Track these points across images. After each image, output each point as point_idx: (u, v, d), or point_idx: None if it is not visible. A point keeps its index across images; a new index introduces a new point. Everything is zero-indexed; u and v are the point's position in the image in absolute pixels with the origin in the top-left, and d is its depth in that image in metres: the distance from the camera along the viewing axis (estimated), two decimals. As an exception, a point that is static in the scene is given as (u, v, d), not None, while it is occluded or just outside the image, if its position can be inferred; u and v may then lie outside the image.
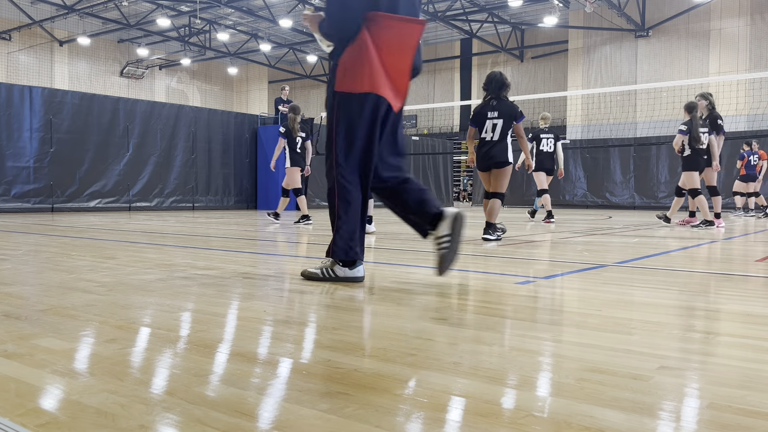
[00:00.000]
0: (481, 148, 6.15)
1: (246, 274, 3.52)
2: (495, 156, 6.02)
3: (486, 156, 6.08)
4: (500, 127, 6.00)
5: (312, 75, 32.45)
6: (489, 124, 6.05)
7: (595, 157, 21.13)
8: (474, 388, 1.46)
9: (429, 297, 2.77)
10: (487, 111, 6.08)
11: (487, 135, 6.06)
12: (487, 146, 6.07)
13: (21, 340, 1.86)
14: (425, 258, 4.44)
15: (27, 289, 2.82)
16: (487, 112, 6.08)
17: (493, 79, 6.13)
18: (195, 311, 2.39)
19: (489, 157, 6.06)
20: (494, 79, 6.13)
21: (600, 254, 4.85)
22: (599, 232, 7.74)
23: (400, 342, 1.93)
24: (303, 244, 5.76)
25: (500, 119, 6.00)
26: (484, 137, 6.09)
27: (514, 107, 6.09)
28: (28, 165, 11.91)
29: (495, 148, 6.03)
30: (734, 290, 3.15)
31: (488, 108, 6.09)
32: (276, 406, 1.33)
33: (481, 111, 6.14)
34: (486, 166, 6.13)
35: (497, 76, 6.15)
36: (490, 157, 6.05)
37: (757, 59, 19.57)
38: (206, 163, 14.82)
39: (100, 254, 4.46)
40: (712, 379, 1.55)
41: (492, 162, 6.06)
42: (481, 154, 6.15)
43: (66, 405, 1.32)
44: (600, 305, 2.56)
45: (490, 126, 6.04)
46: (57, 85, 26.28)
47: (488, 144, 6.06)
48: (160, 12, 24.20)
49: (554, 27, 22.76)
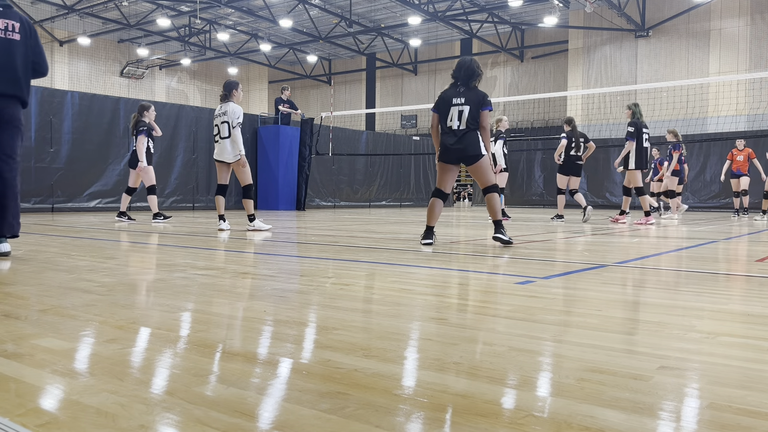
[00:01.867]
0: (445, 138, 5.42)
1: (246, 274, 3.52)
2: (465, 149, 5.34)
3: (452, 149, 5.37)
4: (467, 115, 5.32)
5: (312, 75, 32.46)
6: (454, 111, 5.35)
7: (595, 157, 21.11)
8: (474, 388, 1.46)
9: (429, 297, 2.77)
10: (452, 97, 5.40)
11: (453, 123, 5.36)
12: (452, 137, 5.37)
13: (21, 340, 1.86)
14: (425, 258, 4.44)
15: (27, 289, 2.82)
16: (452, 98, 5.39)
17: (463, 66, 5.46)
18: (195, 311, 2.39)
19: (456, 150, 5.37)
20: (464, 66, 5.46)
21: (600, 254, 4.85)
22: (599, 232, 7.74)
23: (400, 342, 1.93)
24: (304, 244, 5.75)
25: (467, 105, 5.32)
26: (450, 125, 5.37)
27: (482, 94, 5.43)
28: (29, 165, 11.91)
29: (464, 140, 5.33)
30: (734, 290, 3.15)
31: (454, 94, 5.41)
32: (276, 406, 1.33)
33: (444, 97, 5.47)
34: (451, 158, 5.43)
35: (467, 63, 5.48)
36: (457, 150, 5.36)
37: (757, 59, 19.56)
38: (207, 163, 14.81)
39: (100, 254, 4.46)
40: (712, 379, 1.55)
41: (462, 155, 5.38)
42: (445, 145, 5.41)
43: (66, 405, 1.32)
44: (600, 305, 2.56)
45: (456, 113, 5.34)
46: (57, 85, 26.27)
47: (453, 134, 5.36)
48: (160, 12, 24.19)
49: (554, 27, 22.75)
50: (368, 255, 4.62)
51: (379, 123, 30.17)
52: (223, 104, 7.22)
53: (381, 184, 19.20)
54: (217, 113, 7.25)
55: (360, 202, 18.45)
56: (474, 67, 5.46)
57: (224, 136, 7.14)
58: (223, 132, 7.15)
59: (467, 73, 5.42)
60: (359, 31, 25.16)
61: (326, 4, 23.71)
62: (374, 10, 24.67)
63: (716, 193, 18.55)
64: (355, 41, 27.16)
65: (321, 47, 29.24)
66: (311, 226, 8.64)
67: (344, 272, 3.61)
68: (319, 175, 16.86)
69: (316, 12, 24.26)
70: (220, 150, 7.18)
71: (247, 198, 7.30)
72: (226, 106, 7.16)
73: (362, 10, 24.65)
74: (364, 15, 25.19)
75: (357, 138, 18.22)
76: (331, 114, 16.17)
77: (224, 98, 7.23)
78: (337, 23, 24.73)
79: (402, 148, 19.58)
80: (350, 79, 31.68)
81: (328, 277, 3.38)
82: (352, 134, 18.09)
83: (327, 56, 31.52)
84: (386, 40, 27.26)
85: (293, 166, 15.55)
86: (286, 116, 15.14)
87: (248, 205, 7.31)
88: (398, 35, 27.20)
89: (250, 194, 7.30)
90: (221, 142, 7.17)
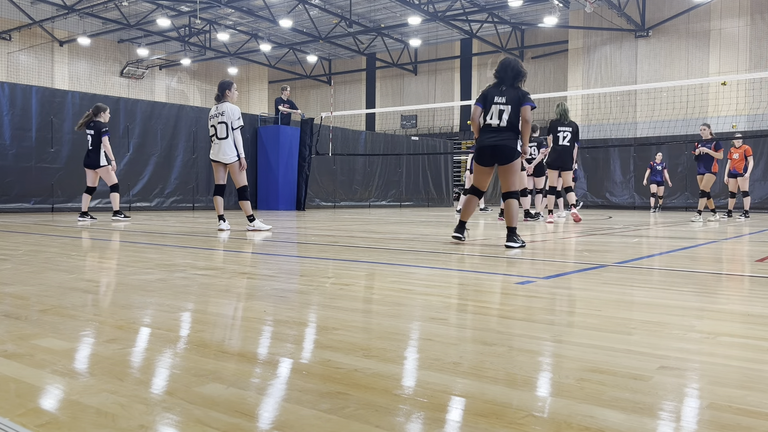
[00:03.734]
0: (483, 135, 5.45)
1: (246, 274, 3.52)
2: (499, 145, 5.32)
3: (487, 143, 5.38)
4: (506, 115, 5.32)
5: (312, 75, 32.46)
6: (495, 109, 5.36)
7: (595, 157, 21.13)
8: (474, 388, 1.46)
9: (429, 297, 2.77)
10: (494, 96, 5.40)
11: (493, 121, 5.37)
12: (490, 133, 5.39)
13: (21, 340, 1.86)
14: (425, 258, 4.44)
15: (27, 289, 2.82)
16: (495, 96, 5.40)
17: (508, 66, 5.44)
18: (195, 311, 2.39)
19: (491, 146, 5.36)
20: (509, 66, 5.44)
21: (600, 254, 4.85)
22: (599, 232, 7.73)
23: (400, 342, 1.93)
24: (304, 244, 5.75)
25: (508, 105, 5.33)
26: (489, 122, 5.39)
27: (523, 92, 5.40)
28: (29, 165, 11.92)
29: (501, 135, 5.34)
30: (734, 290, 3.15)
31: (497, 92, 5.41)
32: (276, 406, 1.33)
33: (487, 93, 5.47)
34: (486, 158, 5.44)
35: (513, 63, 5.47)
36: (492, 146, 5.35)
37: (757, 59, 19.56)
38: (207, 163, 14.79)
39: (100, 254, 4.46)
40: (712, 379, 1.55)
41: (496, 152, 5.36)
42: (482, 143, 5.43)
43: (66, 405, 1.32)
44: (600, 305, 2.56)
45: (497, 111, 5.35)
46: (57, 85, 26.27)
47: (492, 130, 5.38)
48: (160, 12, 24.19)
49: (554, 27, 22.74)
50: (368, 255, 4.62)
51: (379, 123, 30.17)
52: (219, 105, 7.19)
53: (381, 184, 19.20)
54: (212, 114, 7.23)
55: (360, 202, 18.45)
56: (519, 67, 5.46)
57: (221, 137, 7.12)
58: (220, 133, 7.13)
59: (513, 74, 5.43)
60: (359, 31, 25.15)
61: (326, 4, 23.70)
62: (374, 10, 24.67)
63: (715, 194, 18.54)
64: (355, 41, 27.15)
65: (321, 47, 29.24)
66: (311, 226, 8.64)
67: (344, 272, 3.61)
68: (319, 175, 16.85)
69: (316, 12, 24.26)
70: (217, 150, 7.17)
71: (242, 200, 7.26)
72: (223, 107, 7.13)
73: (362, 10, 24.64)
74: (364, 15, 25.19)
75: (357, 138, 18.22)
76: (331, 114, 16.17)
77: (219, 98, 7.20)
78: (337, 23, 24.73)
79: (401, 149, 19.58)
80: (350, 79, 31.67)
81: (328, 277, 3.38)
82: (352, 134, 18.09)
83: (327, 56, 31.52)
84: (386, 40, 27.25)
85: (293, 166, 15.55)
86: (286, 116, 15.14)
87: (245, 206, 7.29)
88: (398, 35, 27.20)
89: (246, 195, 7.27)
90: (218, 143, 7.15)
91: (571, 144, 9.67)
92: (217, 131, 7.14)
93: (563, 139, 9.63)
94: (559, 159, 9.72)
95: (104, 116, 9.15)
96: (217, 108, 7.20)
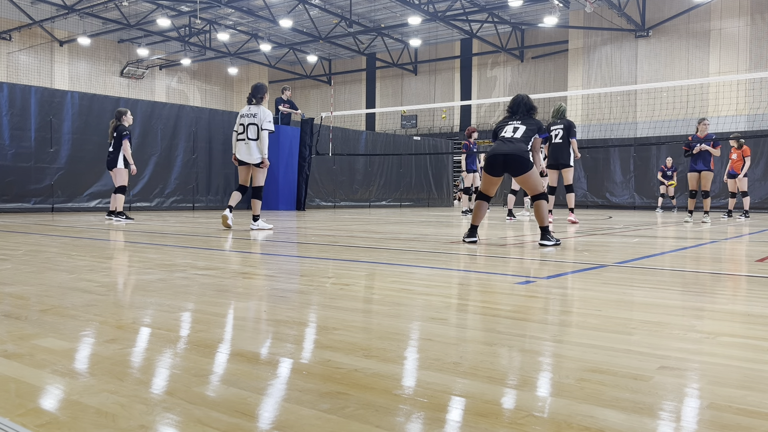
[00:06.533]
0: (496, 146, 5.65)
1: (246, 274, 3.52)
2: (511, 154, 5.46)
3: (499, 152, 5.53)
4: (521, 132, 5.57)
5: (312, 75, 32.46)
6: (509, 127, 5.67)
7: (595, 157, 21.13)
8: (474, 388, 1.46)
9: (429, 297, 2.77)
10: (508, 120, 5.77)
11: (507, 134, 5.62)
12: (502, 143, 5.58)
13: (21, 340, 1.86)
14: (425, 258, 4.44)
15: (27, 289, 2.82)
16: (509, 120, 5.77)
17: (521, 102, 5.80)
18: (195, 311, 2.39)
19: (502, 153, 5.51)
20: (522, 102, 5.80)
21: (600, 254, 4.85)
22: (599, 232, 7.74)
23: (400, 342, 1.93)
24: (304, 244, 5.75)
25: (523, 125, 5.61)
26: (503, 135, 5.64)
27: (540, 123, 5.71)
28: (29, 165, 11.91)
29: (513, 144, 5.51)
30: (734, 290, 3.15)
31: (510, 119, 5.78)
32: (276, 406, 1.33)
33: (500, 123, 5.85)
34: (497, 168, 5.59)
35: (525, 99, 5.82)
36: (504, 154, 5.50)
37: (757, 59, 19.56)
38: (207, 163, 14.81)
39: (100, 254, 4.46)
40: (712, 379, 1.55)
41: (508, 161, 5.50)
42: (493, 153, 5.59)
43: (66, 405, 1.32)
44: (600, 305, 2.56)
45: (511, 129, 5.64)
46: (57, 85, 26.28)
47: (504, 141, 5.57)
48: (160, 12, 24.19)
49: (554, 27, 22.75)
50: (368, 255, 4.62)
51: (379, 123, 30.17)
52: (252, 106, 7.38)
53: (381, 184, 19.20)
54: (244, 113, 7.39)
55: (360, 202, 18.46)
56: (531, 102, 5.86)
57: (252, 138, 7.31)
58: (250, 134, 7.30)
59: (526, 108, 5.80)
60: (359, 31, 25.15)
61: (326, 4, 23.71)
62: (374, 10, 24.67)
63: (715, 194, 18.54)
64: (355, 41, 27.16)
65: (321, 47, 29.24)
66: (311, 226, 8.64)
67: (344, 272, 3.61)
68: (319, 175, 16.85)
69: (316, 12, 24.26)
70: (246, 151, 7.33)
71: (256, 198, 7.49)
72: (257, 109, 7.33)
73: (362, 10, 24.65)
74: (364, 15, 25.19)
75: (357, 138, 18.22)
76: (331, 114, 16.17)
77: (255, 101, 7.38)
78: (337, 23, 24.73)
79: (402, 149, 19.58)
80: (350, 79, 31.68)
81: (328, 277, 3.38)
82: (352, 134, 18.09)
83: (327, 56, 31.52)
84: (386, 40, 27.25)
85: (293, 166, 15.54)
86: (286, 116, 15.14)
87: (256, 205, 7.49)
88: (398, 35, 27.20)
89: (260, 196, 7.52)
90: (248, 143, 7.31)
91: (564, 140, 9.67)
92: (248, 132, 7.31)
93: (555, 137, 9.72)
94: (553, 157, 9.79)
95: (126, 119, 9.25)
96: (249, 109, 7.38)
